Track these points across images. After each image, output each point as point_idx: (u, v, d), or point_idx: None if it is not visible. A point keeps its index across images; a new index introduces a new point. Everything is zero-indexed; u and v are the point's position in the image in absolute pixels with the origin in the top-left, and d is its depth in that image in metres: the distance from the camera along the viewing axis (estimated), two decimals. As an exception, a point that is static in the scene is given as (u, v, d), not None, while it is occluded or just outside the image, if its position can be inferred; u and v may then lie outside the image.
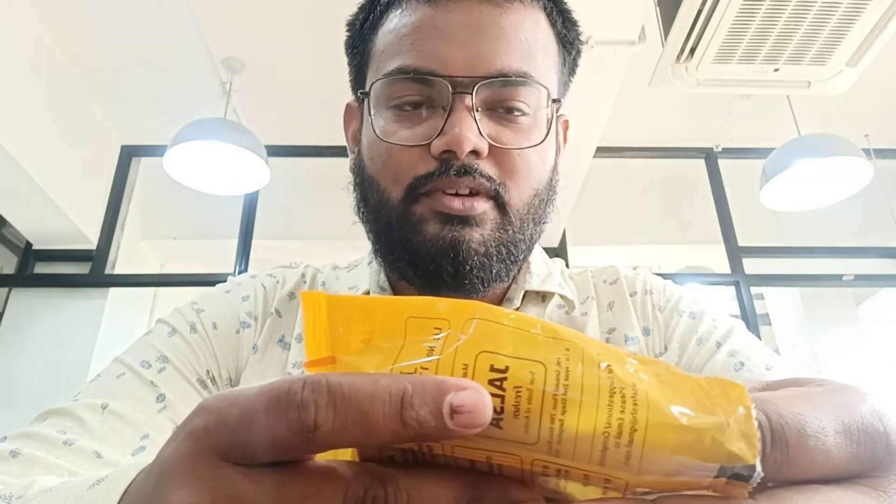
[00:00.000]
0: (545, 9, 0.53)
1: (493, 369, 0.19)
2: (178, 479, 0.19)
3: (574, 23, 0.57)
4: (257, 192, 2.78)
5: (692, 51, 1.77)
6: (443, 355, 0.20)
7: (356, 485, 0.19)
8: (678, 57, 1.79)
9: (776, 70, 1.84)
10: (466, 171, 0.48)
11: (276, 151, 2.66)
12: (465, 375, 0.19)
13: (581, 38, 0.58)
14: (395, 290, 0.58)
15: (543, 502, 0.21)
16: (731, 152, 3.12)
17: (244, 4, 2.21)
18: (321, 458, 0.20)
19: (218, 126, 2.18)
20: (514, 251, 0.51)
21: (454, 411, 0.18)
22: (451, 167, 0.48)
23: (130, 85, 2.60)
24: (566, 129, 0.61)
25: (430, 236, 0.48)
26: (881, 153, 2.94)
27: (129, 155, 2.93)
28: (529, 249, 0.55)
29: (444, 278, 0.49)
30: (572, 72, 0.59)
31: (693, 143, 3.13)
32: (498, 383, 0.19)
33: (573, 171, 2.67)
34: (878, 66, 1.98)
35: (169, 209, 3.18)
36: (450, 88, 0.48)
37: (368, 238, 0.56)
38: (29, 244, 2.79)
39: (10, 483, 0.39)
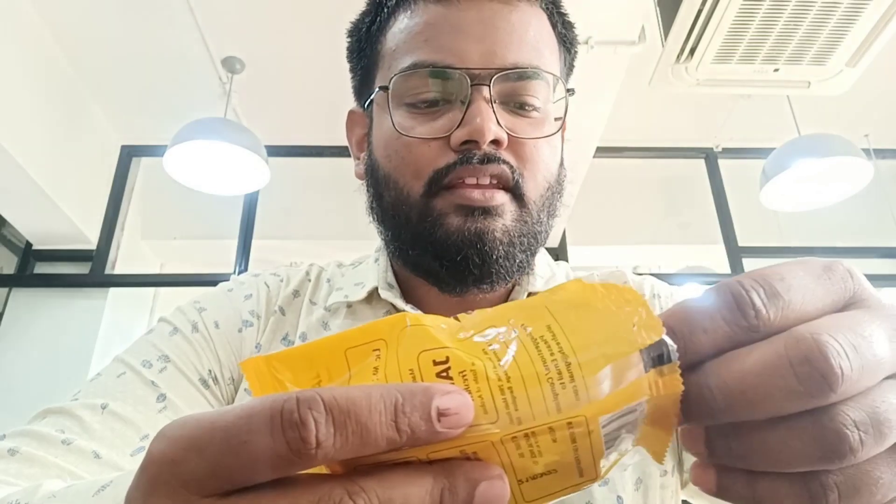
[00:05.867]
0: (546, 9, 0.55)
1: (435, 363, 0.20)
2: None
3: (571, 25, 0.59)
4: (257, 192, 2.77)
5: (692, 51, 1.77)
6: (388, 368, 0.21)
7: (325, 501, 0.18)
8: (678, 57, 1.79)
9: (776, 70, 1.84)
10: (489, 159, 0.48)
11: (276, 151, 2.65)
12: (413, 377, 0.20)
13: (578, 39, 0.59)
14: (403, 286, 0.58)
15: (504, 475, 0.21)
16: (731, 152, 3.11)
17: (244, 4, 2.21)
18: None
19: (218, 126, 2.17)
20: (534, 242, 0.52)
21: (441, 414, 0.18)
22: (472, 157, 0.48)
23: (130, 85, 2.60)
24: (564, 130, 0.62)
25: (454, 229, 0.49)
26: (881, 153, 2.93)
27: (129, 155, 2.93)
28: (543, 243, 0.56)
29: (470, 269, 0.49)
30: (570, 71, 0.61)
31: (693, 143, 3.13)
32: (444, 374, 0.20)
33: (573, 171, 2.66)
34: (878, 66, 1.97)
35: (169, 209, 3.17)
36: (468, 80, 0.49)
37: (381, 237, 0.57)
38: (29, 244, 2.79)
39: (9, 482, 0.39)
